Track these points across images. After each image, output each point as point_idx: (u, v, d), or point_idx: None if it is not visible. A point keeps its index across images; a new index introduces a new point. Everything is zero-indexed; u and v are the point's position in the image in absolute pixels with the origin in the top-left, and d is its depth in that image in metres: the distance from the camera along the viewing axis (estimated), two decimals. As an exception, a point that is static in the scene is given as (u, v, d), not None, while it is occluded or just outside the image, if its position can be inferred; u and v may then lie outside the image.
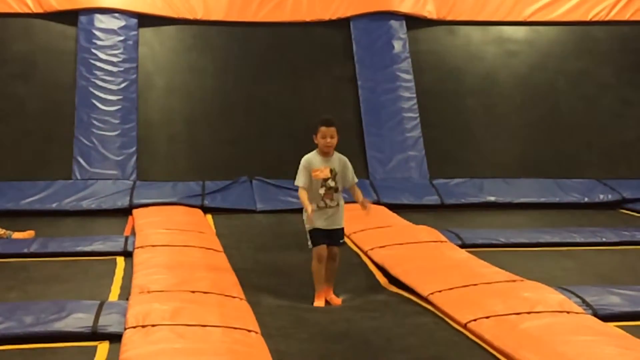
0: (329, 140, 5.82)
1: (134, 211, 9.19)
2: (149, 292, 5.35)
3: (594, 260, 7.09)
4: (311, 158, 5.93)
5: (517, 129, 11.17)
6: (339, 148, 6.00)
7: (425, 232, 7.61)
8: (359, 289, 6.24)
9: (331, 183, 5.87)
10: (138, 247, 6.92)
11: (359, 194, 5.97)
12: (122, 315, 4.87)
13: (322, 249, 5.88)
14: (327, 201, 5.87)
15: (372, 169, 10.54)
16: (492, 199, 10.07)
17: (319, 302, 5.82)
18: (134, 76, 10.98)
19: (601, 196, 10.11)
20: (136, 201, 9.50)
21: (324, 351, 4.61)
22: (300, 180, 5.87)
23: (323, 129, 5.85)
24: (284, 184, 10.13)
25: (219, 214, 9.35)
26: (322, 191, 5.86)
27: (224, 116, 11.00)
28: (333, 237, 5.94)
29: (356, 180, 6.04)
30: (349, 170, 5.98)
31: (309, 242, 5.92)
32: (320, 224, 5.87)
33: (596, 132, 11.17)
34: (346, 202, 9.40)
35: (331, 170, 5.89)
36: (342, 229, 6.02)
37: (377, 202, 9.63)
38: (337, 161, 5.94)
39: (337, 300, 5.88)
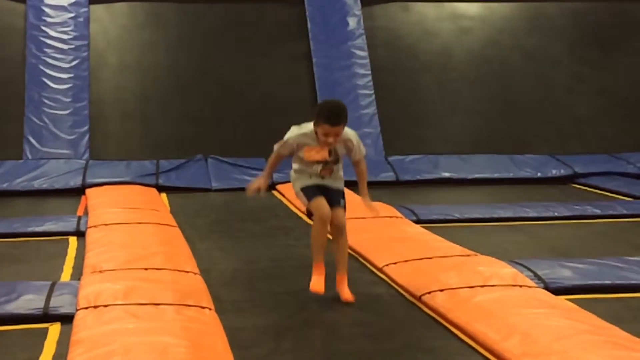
0: (331, 140, 4.74)
1: (87, 191, 9.09)
2: (101, 271, 5.30)
3: (546, 234, 7.18)
4: (304, 135, 4.82)
5: (472, 105, 11.24)
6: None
7: (380, 208, 7.60)
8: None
9: (329, 160, 4.91)
10: (91, 227, 6.85)
11: (362, 185, 5.06)
12: (74, 295, 4.81)
13: (323, 203, 4.84)
14: (326, 176, 4.95)
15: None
16: (447, 175, 10.13)
17: (317, 284, 4.89)
18: (86, 54, 10.80)
19: (554, 171, 10.23)
20: (89, 180, 9.39)
21: (278, 327, 4.60)
22: (278, 145, 4.93)
23: (326, 127, 4.68)
24: (240, 162, 10.10)
25: (174, 193, 9.30)
26: (318, 168, 4.91)
27: (178, 94, 10.89)
28: (331, 194, 4.93)
29: (363, 153, 5.04)
30: (354, 145, 4.92)
31: (305, 201, 4.92)
32: (312, 181, 4.92)
33: (549, 108, 11.29)
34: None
35: (330, 152, 4.87)
36: (342, 190, 5.04)
37: (333, 179, 9.64)
38: (340, 142, 4.86)
39: (348, 295, 4.92)
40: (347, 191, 5.12)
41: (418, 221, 7.38)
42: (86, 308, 4.52)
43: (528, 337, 4.10)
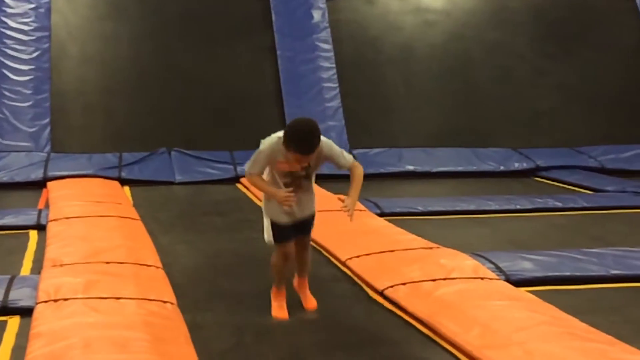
0: (304, 164, 4.38)
1: (49, 184, 8.99)
2: (61, 265, 5.24)
3: (508, 227, 7.24)
4: (275, 148, 4.38)
5: (435, 98, 11.29)
6: (257, 120, 5.74)
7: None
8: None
9: (301, 173, 4.50)
10: (52, 220, 6.77)
11: (352, 188, 4.58)
12: (34, 289, 4.76)
13: (289, 246, 4.62)
14: (297, 192, 4.51)
15: (292, 139, 10.50)
16: (411, 168, 10.18)
17: (280, 311, 4.64)
18: (47, 45, 10.66)
19: (516, 165, 10.32)
20: (51, 174, 9.29)
21: (240, 321, 4.59)
22: (254, 167, 4.47)
23: (298, 156, 4.30)
24: (203, 155, 10.05)
25: (137, 186, 9.23)
26: (287, 180, 4.49)
27: (141, 86, 10.80)
28: (303, 227, 4.70)
29: (350, 162, 4.55)
30: (335, 156, 4.48)
31: (269, 236, 4.66)
32: (286, 219, 4.57)
33: (512, 102, 11.37)
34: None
35: (303, 167, 4.47)
36: (313, 214, 4.77)
37: (297, 173, 9.65)
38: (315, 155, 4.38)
39: (312, 303, 4.75)
40: (316, 187, 5.07)
41: (381, 214, 7.41)
42: (46, 302, 4.48)
43: (488, 329, 4.13)
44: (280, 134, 4.36)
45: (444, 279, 5.00)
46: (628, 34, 11.97)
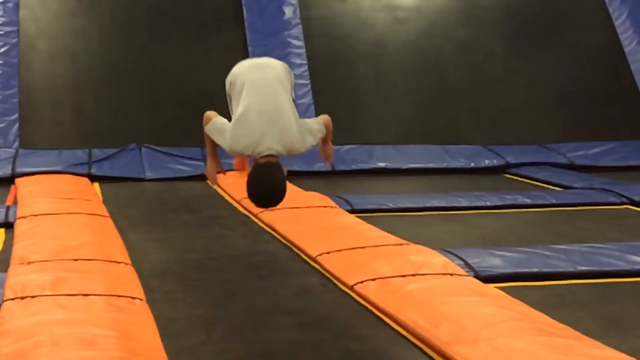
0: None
1: (17, 180, 8.90)
2: (29, 262, 5.19)
3: (479, 223, 7.28)
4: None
5: (406, 95, 11.32)
6: (229, 117, 5.70)
7: (315, 198, 7.66)
8: (247, 245, 6.26)
9: None
10: (20, 218, 6.70)
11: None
12: (0, 287, 4.70)
13: None
14: None
15: (263, 136, 10.48)
16: (382, 165, 10.20)
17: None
18: (15, 40, 10.55)
19: (486, 161, 10.38)
20: (19, 170, 9.18)
21: (210, 317, 4.58)
22: (213, 132, 4.72)
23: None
24: (174, 152, 10.01)
25: (107, 183, 9.16)
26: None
27: (111, 82, 10.72)
28: None
29: (317, 128, 4.82)
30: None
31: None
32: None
33: (482, 99, 11.43)
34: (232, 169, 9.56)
35: None
36: None
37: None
38: None
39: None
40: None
41: (352, 211, 7.42)
42: (12, 299, 4.43)
43: (457, 325, 4.16)
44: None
45: (414, 275, 5.02)
46: (597, 32, 12.09)
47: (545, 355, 3.72)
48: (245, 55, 11.02)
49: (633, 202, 7.97)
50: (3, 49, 10.47)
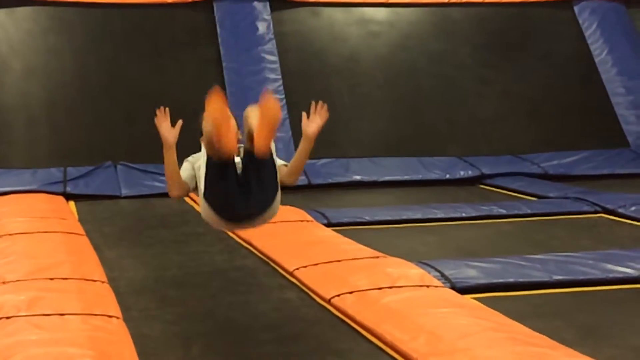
0: None
1: (-8, 200, 8.84)
2: (4, 282, 5.16)
3: (455, 234, 7.32)
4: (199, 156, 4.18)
5: (381, 108, 11.38)
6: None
7: (291, 212, 7.66)
8: (224, 261, 6.28)
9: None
10: (-6, 237, 6.66)
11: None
12: (-24, 307, 4.67)
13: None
14: None
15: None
16: (358, 178, 10.23)
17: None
18: (-12, 59, 10.51)
19: (462, 173, 10.44)
20: (-6, 189, 9.13)
21: (188, 333, 4.58)
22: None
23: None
24: (150, 169, 9.98)
25: (82, 201, 9.13)
26: None
27: (85, 99, 10.69)
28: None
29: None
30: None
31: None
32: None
33: (456, 111, 11.51)
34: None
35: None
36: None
37: (245, 184, 9.64)
38: None
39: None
40: None
41: (329, 224, 7.44)
42: (-12, 320, 4.40)
43: (434, 336, 4.18)
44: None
45: (390, 287, 5.04)
46: (568, 42, 12.23)
47: (521, 364, 3.75)
48: (220, 71, 11.05)
49: (606, 211, 8.06)
50: (-25, 68, 10.41)
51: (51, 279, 5.21)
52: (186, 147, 4.88)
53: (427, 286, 5.12)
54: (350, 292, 5.02)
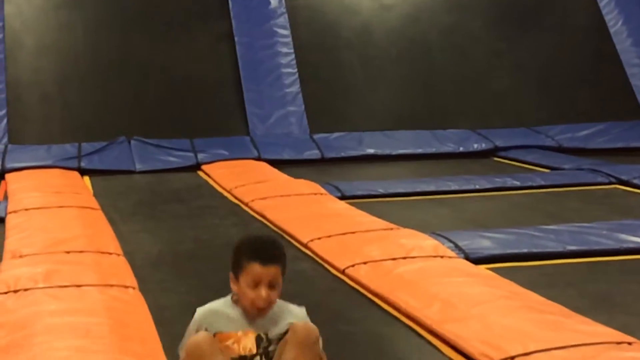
0: (264, 294, 2.90)
1: (7, 176, 8.89)
2: (21, 256, 5.21)
3: (468, 206, 7.33)
4: (215, 313, 3.03)
5: (394, 81, 11.34)
6: (217, 107, 5.42)
7: (305, 185, 7.68)
8: (238, 234, 6.29)
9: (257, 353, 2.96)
10: (11, 212, 6.71)
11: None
12: (-6, 280, 4.72)
13: None
14: None
15: (252, 125, 10.52)
16: (371, 151, 10.23)
17: None
18: (1, 36, 10.53)
19: (475, 145, 10.41)
20: (9, 165, 9.18)
21: (204, 304, 4.58)
22: (182, 349, 3.06)
23: (255, 268, 2.92)
24: (163, 144, 10.01)
25: (97, 176, 9.16)
26: None
27: (98, 75, 10.71)
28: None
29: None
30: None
31: None
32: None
33: (469, 84, 11.46)
34: (228, 159, 9.59)
35: (259, 339, 2.95)
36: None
37: (258, 158, 9.68)
38: (276, 320, 2.97)
39: None
40: (275, 172, 5.03)
41: (342, 197, 7.45)
42: (6, 293, 4.45)
43: (448, 304, 4.20)
44: (224, 298, 3.01)
45: (404, 258, 5.06)
46: (582, 13, 12.12)
47: (535, 331, 3.76)
48: (232, 46, 11.04)
49: (621, 182, 8.03)
50: (-11, 45, 10.45)
51: (67, 252, 5.26)
52: (209, 120, 4.91)
53: (441, 257, 5.14)
54: (365, 263, 5.04)
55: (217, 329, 2.93)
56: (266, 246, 2.99)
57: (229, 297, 2.99)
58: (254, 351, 2.92)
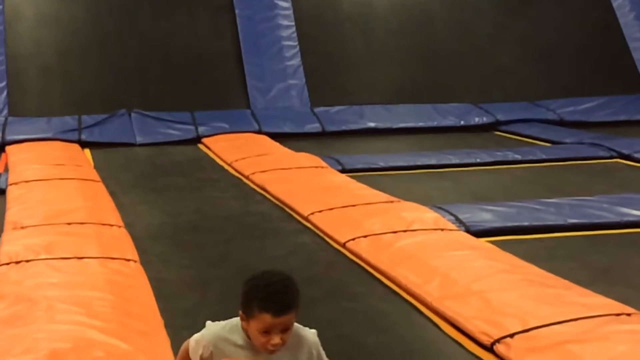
0: (276, 341, 2.62)
1: (7, 148, 8.89)
2: (22, 227, 5.21)
3: (469, 180, 7.32)
4: (226, 339, 2.71)
5: (395, 55, 11.28)
6: (217, 80, 5.44)
7: (306, 159, 7.67)
8: (239, 206, 6.32)
9: None
10: (11, 184, 6.71)
11: None
12: (-5, 252, 4.73)
13: None
14: None
15: (252, 99, 10.48)
16: (372, 125, 10.21)
17: None
18: (0, 7, 10.46)
19: (476, 119, 10.40)
20: (9, 138, 9.18)
21: (204, 277, 4.62)
22: (181, 351, 2.81)
23: (267, 319, 2.58)
24: (164, 116, 9.99)
25: (98, 149, 9.16)
26: None
27: (98, 47, 10.66)
28: None
29: None
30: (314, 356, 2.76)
31: None
32: None
33: (471, 57, 11.40)
34: (229, 132, 9.56)
35: None
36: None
37: (259, 132, 9.65)
38: (286, 348, 2.68)
39: None
40: (271, 143, 5.02)
41: (343, 170, 7.45)
42: (7, 264, 4.45)
43: (448, 279, 4.20)
44: (236, 319, 2.70)
45: (405, 231, 5.06)
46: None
47: (534, 306, 3.76)
48: (233, 18, 10.97)
49: (622, 156, 8.02)
50: (-12, 17, 10.39)
51: (68, 223, 5.26)
52: (210, 92, 4.88)
53: (442, 229, 5.13)
54: (365, 236, 5.04)
55: (224, 355, 2.74)
56: (279, 296, 2.66)
57: (238, 322, 2.72)
58: None
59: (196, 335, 2.75)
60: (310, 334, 2.83)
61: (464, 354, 3.58)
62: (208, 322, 2.78)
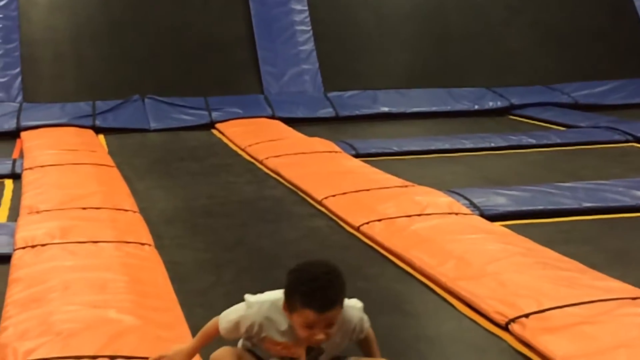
0: (320, 337, 2.64)
1: (22, 134, 8.93)
2: (38, 212, 5.24)
3: (483, 164, 7.30)
4: (270, 319, 2.73)
5: (409, 39, 11.24)
6: (231, 65, 5.48)
7: (320, 143, 7.67)
8: (253, 191, 6.34)
9: None
10: (27, 169, 6.76)
11: (371, 351, 2.95)
12: (11, 236, 4.76)
13: None
14: None
15: (266, 84, 10.48)
16: (386, 109, 10.19)
17: None
18: (14, -7, 10.51)
19: (490, 103, 10.35)
20: (24, 123, 9.22)
21: (219, 260, 4.64)
22: (227, 329, 2.79)
23: (311, 315, 2.60)
24: (177, 102, 10.01)
25: (112, 134, 9.19)
26: None
27: (112, 33, 10.67)
28: None
29: (367, 326, 2.91)
30: (357, 329, 2.84)
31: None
32: None
33: (485, 41, 11.34)
34: (242, 117, 9.57)
35: (310, 350, 2.76)
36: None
37: (272, 117, 9.66)
38: (338, 337, 2.77)
39: None
40: (291, 131, 5.03)
41: (357, 155, 7.44)
42: (23, 248, 4.49)
43: (462, 261, 4.20)
44: (277, 295, 2.72)
45: (419, 215, 5.06)
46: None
47: (549, 288, 3.76)
48: (246, 3, 10.95)
49: (638, 140, 7.96)
50: (2, 2, 10.40)
51: (83, 208, 5.29)
52: (223, 78, 4.89)
53: (456, 214, 5.13)
54: (379, 220, 5.04)
55: (268, 334, 2.73)
56: (323, 291, 2.58)
57: (281, 298, 2.67)
58: (303, 358, 2.75)
59: (236, 316, 2.72)
60: (356, 311, 2.82)
61: (479, 332, 3.58)
62: (247, 296, 2.76)
